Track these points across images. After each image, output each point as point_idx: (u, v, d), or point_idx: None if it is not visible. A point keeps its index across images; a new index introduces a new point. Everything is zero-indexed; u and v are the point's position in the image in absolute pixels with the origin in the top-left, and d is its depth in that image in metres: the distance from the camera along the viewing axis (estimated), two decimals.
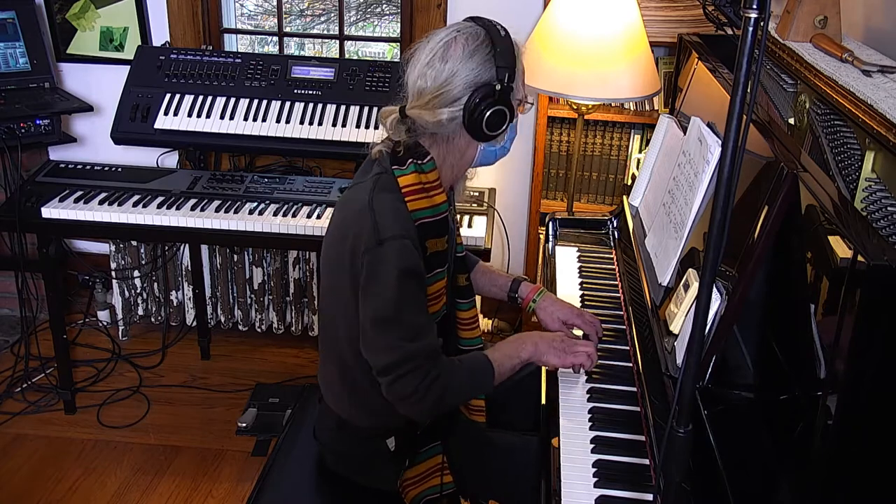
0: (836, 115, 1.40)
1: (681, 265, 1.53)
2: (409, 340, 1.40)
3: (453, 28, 1.46)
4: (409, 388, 1.40)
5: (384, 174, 1.48)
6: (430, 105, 1.44)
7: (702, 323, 0.98)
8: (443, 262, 1.52)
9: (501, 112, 1.44)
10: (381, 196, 1.44)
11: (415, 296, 1.43)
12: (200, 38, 2.99)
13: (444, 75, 1.42)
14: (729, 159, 0.91)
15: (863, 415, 1.02)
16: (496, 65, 1.42)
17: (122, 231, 2.48)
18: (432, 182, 1.49)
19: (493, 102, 1.42)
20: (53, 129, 2.70)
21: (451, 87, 1.42)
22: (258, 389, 2.86)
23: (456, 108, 1.43)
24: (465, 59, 1.42)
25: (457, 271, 1.66)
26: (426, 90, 1.44)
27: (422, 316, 1.44)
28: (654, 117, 2.70)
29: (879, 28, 1.75)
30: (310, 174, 2.92)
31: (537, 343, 1.56)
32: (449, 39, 1.43)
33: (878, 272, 0.94)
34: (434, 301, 1.52)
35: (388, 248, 1.39)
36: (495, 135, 1.47)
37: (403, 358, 1.40)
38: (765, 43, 0.90)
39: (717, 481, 1.17)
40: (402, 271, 1.39)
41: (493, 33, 1.43)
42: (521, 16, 2.80)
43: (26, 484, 2.44)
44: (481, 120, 1.43)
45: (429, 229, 1.48)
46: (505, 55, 1.42)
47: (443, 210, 1.50)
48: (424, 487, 1.61)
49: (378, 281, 1.40)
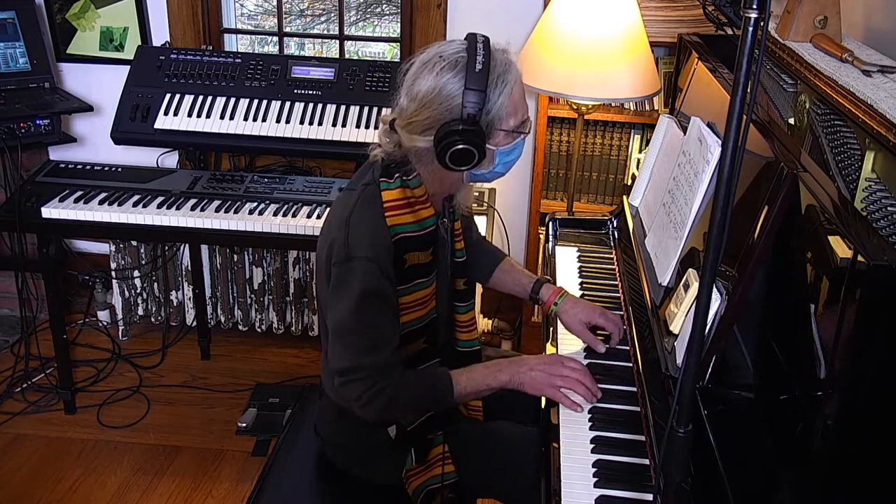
0: (836, 115, 1.40)
1: (681, 265, 1.53)
2: (363, 353, 1.46)
3: (442, 49, 1.42)
4: (354, 393, 1.47)
5: (371, 185, 1.49)
6: (408, 129, 1.44)
7: (702, 323, 0.98)
8: (426, 273, 1.53)
9: (464, 151, 1.39)
10: (360, 212, 1.46)
11: (375, 314, 1.46)
12: (200, 38, 2.99)
13: (416, 103, 1.41)
14: (729, 159, 0.91)
15: (863, 415, 1.02)
16: (463, 104, 1.37)
17: (122, 231, 2.48)
18: (419, 197, 1.49)
19: (456, 142, 1.38)
20: (53, 129, 2.70)
21: (424, 118, 1.41)
22: (258, 389, 2.86)
23: (428, 137, 1.42)
24: (440, 89, 1.38)
25: (455, 275, 1.67)
26: (405, 112, 1.44)
27: (379, 333, 1.47)
28: (654, 117, 2.70)
29: (879, 28, 1.75)
30: (310, 174, 2.92)
31: (514, 373, 1.54)
32: (434, 64, 1.40)
33: (878, 272, 0.94)
34: (419, 307, 1.55)
35: (355, 267, 1.43)
36: (465, 169, 1.44)
37: (354, 366, 1.46)
38: (765, 43, 0.90)
39: (717, 481, 1.17)
40: (363, 292, 1.43)
41: (470, 65, 1.37)
42: (521, 16, 2.80)
43: (26, 484, 2.44)
44: (444, 155, 1.40)
45: (409, 243, 1.49)
46: (476, 91, 1.37)
47: (429, 224, 1.51)
48: (426, 477, 1.61)
49: (341, 294, 1.45)
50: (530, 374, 1.54)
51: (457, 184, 1.55)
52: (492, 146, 1.45)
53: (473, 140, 1.39)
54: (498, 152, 1.47)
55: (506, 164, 1.51)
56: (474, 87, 1.37)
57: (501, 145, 1.47)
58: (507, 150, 1.48)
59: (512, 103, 1.44)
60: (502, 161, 1.50)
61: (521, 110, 1.48)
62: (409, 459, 1.62)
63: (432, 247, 1.53)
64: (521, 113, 1.48)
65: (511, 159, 1.51)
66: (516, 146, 1.50)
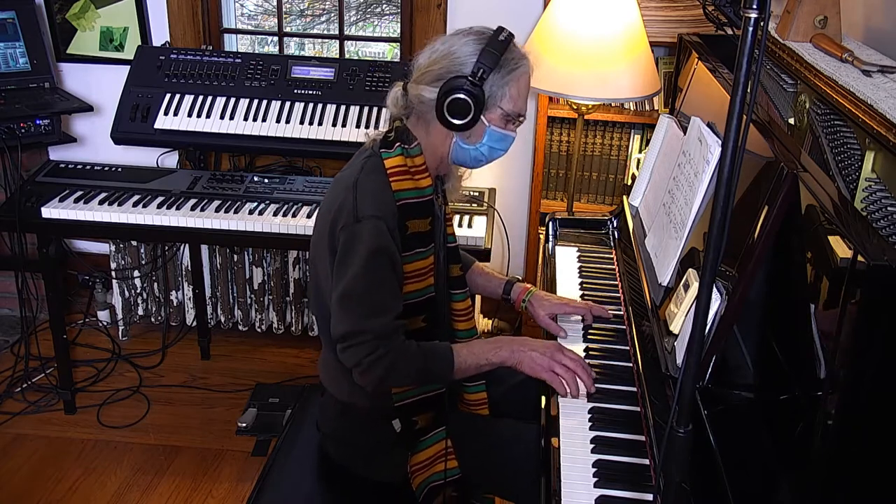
0: (836, 115, 1.40)
1: (681, 265, 1.53)
2: (365, 316, 1.48)
3: (475, 27, 1.55)
4: (353, 359, 1.49)
5: (373, 157, 1.56)
6: (419, 80, 1.53)
7: (702, 323, 0.98)
8: (425, 242, 1.57)
9: (464, 102, 1.47)
10: (366, 177, 1.53)
11: (382, 275, 1.49)
12: (200, 38, 2.99)
13: (436, 56, 1.52)
14: (729, 159, 0.91)
15: (863, 415, 1.02)
16: (478, 59, 1.48)
17: (122, 231, 2.48)
18: (418, 166, 1.56)
19: (460, 90, 1.47)
20: (53, 129, 2.70)
21: (437, 68, 1.51)
22: (258, 389, 2.86)
23: (435, 87, 1.50)
24: (459, 48, 1.50)
25: (450, 261, 1.70)
26: (420, 66, 1.54)
27: (385, 296, 1.50)
28: (654, 117, 2.70)
29: (879, 28, 1.75)
30: (310, 174, 2.92)
31: (515, 350, 1.57)
32: (461, 30, 1.54)
33: (878, 272, 0.94)
34: (418, 278, 1.58)
35: (364, 227, 1.47)
36: (458, 125, 1.50)
37: (354, 330, 1.48)
38: (765, 43, 0.90)
39: (717, 481, 1.17)
40: (374, 250, 1.46)
41: (495, 36, 1.51)
42: (521, 16, 2.80)
43: (26, 484, 2.44)
44: (444, 102, 1.48)
45: (412, 210, 1.54)
46: (491, 56, 1.48)
47: (427, 193, 1.57)
48: (430, 473, 1.61)
49: (349, 256, 1.48)
50: (531, 355, 1.56)
51: (445, 161, 1.61)
52: (486, 120, 1.53)
53: (474, 96, 1.48)
54: (489, 130, 1.54)
55: (491, 150, 1.58)
56: (493, 50, 1.49)
57: (494, 124, 1.54)
58: (498, 135, 1.56)
59: (517, 89, 1.54)
60: (489, 143, 1.56)
61: (522, 103, 1.56)
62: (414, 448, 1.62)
63: (430, 217, 1.58)
64: (521, 106, 1.56)
65: (498, 147, 1.58)
66: (506, 137, 1.57)
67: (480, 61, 1.48)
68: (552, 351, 1.57)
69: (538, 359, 1.56)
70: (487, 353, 1.58)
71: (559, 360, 1.55)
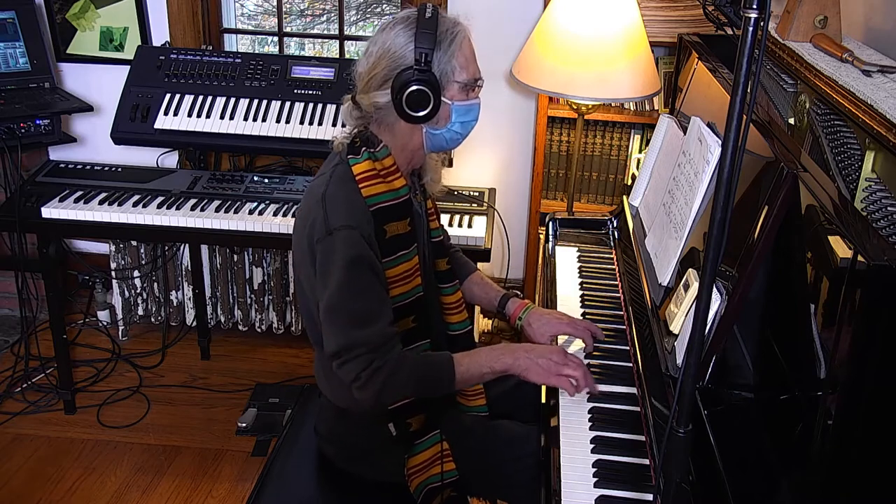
0: (836, 115, 1.40)
1: (681, 265, 1.53)
2: (355, 327, 1.46)
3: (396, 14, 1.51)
4: (350, 375, 1.46)
5: (340, 165, 1.54)
6: (366, 88, 1.51)
7: (702, 323, 0.98)
8: (408, 244, 1.56)
9: (420, 92, 1.45)
10: (335, 188, 1.51)
11: (363, 284, 1.47)
12: (200, 38, 2.99)
13: (373, 59, 1.49)
14: (729, 159, 0.91)
15: (863, 415, 1.02)
16: (415, 46, 1.45)
17: (122, 231, 2.48)
18: (388, 168, 1.54)
19: (411, 83, 1.45)
20: (53, 129, 2.70)
21: (379, 70, 1.48)
22: (258, 389, 2.86)
23: (385, 90, 1.48)
24: (392, 42, 1.47)
25: (435, 256, 1.70)
26: (362, 74, 1.52)
27: (371, 304, 1.48)
28: (654, 117, 2.70)
29: (879, 28, 1.75)
30: (310, 174, 2.91)
31: (519, 357, 1.54)
32: (385, 24, 1.50)
33: (879, 272, 0.94)
34: (404, 281, 1.56)
35: (336, 238, 1.46)
36: (423, 115, 1.48)
37: (348, 344, 1.46)
38: (765, 43, 0.90)
39: (717, 481, 1.17)
40: (349, 261, 1.45)
41: (420, 15, 1.47)
42: (521, 16, 2.80)
43: (26, 484, 2.44)
44: (401, 99, 1.46)
45: (388, 213, 1.52)
46: (426, 37, 1.45)
47: (403, 193, 1.55)
48: (427, 476, 1.61)
49: (328, 270, 1.46)
50: (536, 362, 1.54)
51: (419, 152, 1.59)
52: (447, 99, 1.51)
53: (427, 81, 1.45)
54: (454, 108, 1.52)
55: (463, 125, 1.56)
56: (426, 30, 1.45)
57: (457, 99, 1.52)
58: (463, 108, 1.53)
59: (463, 56, 1.51)
60: (458, 119, 1.54)
61: (472, 67, 1.54)
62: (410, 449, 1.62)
63: (409, 217, 1.56)
64: (473, 70, 1.54)
65: (468, 119, 1.56)
66: (472, 107, 1.55)
67: (418, 46, 1.45)
68: (558, 356, 1.55)
69: (545, 365, 1.53)
70: (490, 361, 1.55)
71: (563, 364, 1.54)
